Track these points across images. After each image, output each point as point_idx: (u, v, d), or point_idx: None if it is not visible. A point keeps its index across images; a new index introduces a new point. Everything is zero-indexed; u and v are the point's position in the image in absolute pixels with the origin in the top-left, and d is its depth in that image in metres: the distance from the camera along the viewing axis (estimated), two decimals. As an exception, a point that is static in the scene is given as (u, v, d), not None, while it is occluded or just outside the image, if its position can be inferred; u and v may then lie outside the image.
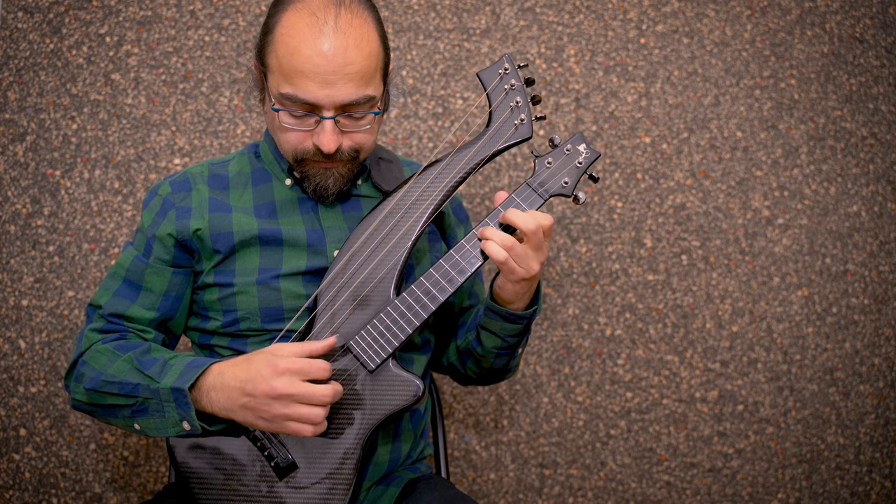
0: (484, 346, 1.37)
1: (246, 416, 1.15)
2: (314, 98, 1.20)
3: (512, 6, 1.97)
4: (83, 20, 1.88)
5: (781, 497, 1.99)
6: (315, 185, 1.30)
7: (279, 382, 1.10)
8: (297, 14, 1.21)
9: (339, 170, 1.29)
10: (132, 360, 1.21)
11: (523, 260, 1.22)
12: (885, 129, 2.02)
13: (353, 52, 1.20)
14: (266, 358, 1.13)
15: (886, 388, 2.01)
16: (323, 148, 1.23)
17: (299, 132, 1.25)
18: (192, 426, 1.16)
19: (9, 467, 1.84)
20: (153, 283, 1.31)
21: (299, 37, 1.19)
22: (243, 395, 1.13)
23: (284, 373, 1.11)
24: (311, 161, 1.28)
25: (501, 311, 1.31)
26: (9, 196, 1.85)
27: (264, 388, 1.11)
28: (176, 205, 1.32)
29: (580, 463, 1.97)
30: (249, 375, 1.13)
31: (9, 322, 1.84)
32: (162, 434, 1.19)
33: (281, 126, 1.25)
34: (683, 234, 1.99)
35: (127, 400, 1.20)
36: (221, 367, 1.16)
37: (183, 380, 1.15)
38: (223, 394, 1.15)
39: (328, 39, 1.18)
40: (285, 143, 1.28)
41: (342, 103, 1.21)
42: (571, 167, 1.28)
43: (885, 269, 2.01)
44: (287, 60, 1.20)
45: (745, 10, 2.02)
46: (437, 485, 1.28)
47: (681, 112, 2.00)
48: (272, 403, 1.12)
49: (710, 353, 1.99)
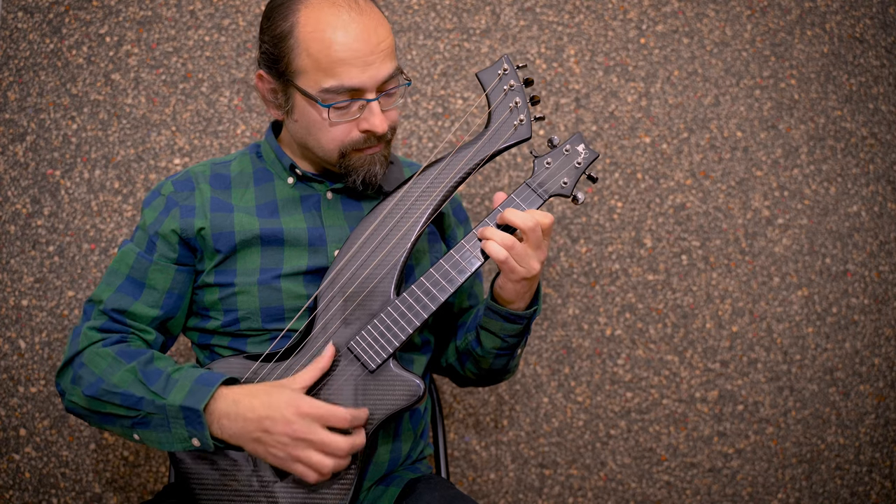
0: (483, 347, 1.36)
1: (256, 449, 1.15)
2: (359, 82, 1.22)
3: (512, 6, 1.97)
4: (83, 20, 1.88)
5: (781, 497, 1.99)
6: (365, 174, 1.30)
7: (300, 426, 1.12)
8: (315, 10, 1.22)
9: (382, 151, 1.31)
10: (136, 371, 1.20)
11: (524, 259, 1.23)
12: (885, 129, 2.03)
13: (381, 29, 1.23)
14: (288, 396, 1.13)
15: (886, 388, 2.01)
16: (377, 130, 1.25)
17: (345, 124, 1.26)
18: (204, 444, 1.16)
19: (9, 467, 1.84)
20: (157, 280, 1.31)
21: (329, 28, 1.20)
22: (259, 431, 1.13)
23: (307, 417, 1.12)
24: (354, 152, 1.28)
25: (501, 311, 1.31)
26: (9, 196, 1.85)
27: (284, 430, 1.12)
28: (179, 203, 1.32)
29: (580, 463, 1.97)
30: (270, 413, 1.13)
31: (9, 322, 1.84)
32: (166, 448, 1.19)
33: (329, 122, 1.25)
34: (683, 234, 1.99)
35: (129, 412, 1.19)
36: (236, 394, 1.16)
37: (194, 399, 1.15)
38: (237, 424, 1.14)
39: (357, 24, 1.21)
40: (331, 141, 1.27)
41: (383, 80, 1.23)
42: (570, 167, 1.28)
43: (885, 269, 2.02)
44: (324, 54, 1.20)
45: (745, 10, 2.02)
46: (437, 485, 1.28)
47: (681, 112, 2.00)
48: (288, 445, 1.12)
49: (710, 353, 1.99)
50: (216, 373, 1.20)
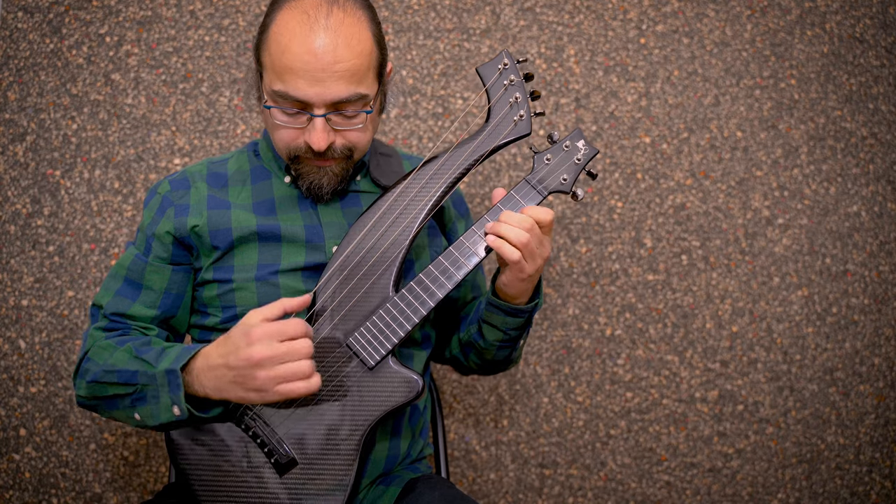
0: (486, 339, 1.37)
1: (237, 392, 1.14)
2: (304, 95, 1.21)
3: (512, 6, 1.97)
4: (83, 20, 1.88)
5: (781, 497, 1.99)
6: (309, 184, 1.30)
7: (255, 349, 1.10)
8: (291, 13, 1.22)
9: (333, 168, 1.30)
10: (131, 349, 1.22)
11: (532, 258, 1.23)
12: (885, 129, 2.03)
13: (343, 51, 1.20)
14: (240, 329, 1.13)
15: (886, 388, 2.01)
16: (313, 145, 1.24)
17: (292, 129, 1.26)
18: (181, 411, 1.16)
19: (9, 467, 1.84)
20: (153, 281, 1.32)
21: (290, 34, 1.20)
22: (228, 371, 1.13)
23: (261, 338, 1.11)
24: (304, 159, 1.29)
25: (503, 306, 1.31)
26: (9, 196, 1.85)
27: (245, 358, 1.11)
28: (174, 202, 1.33)
29: (580, 463, 1.97)
30: (228, 349, 1.13)
31: (9, 322, 1.84)
32: (156, 420, 1.19)
33: (274, 123, 1.26)
34: (683, 234, 1.99)
35: (126, 388, 1.20)
36: (207, 349, 1.17)
37: (176, 362, 1.16)
38: (211, 374, 1.15)
39: (318, 37, 1.19)
40: (279, 141, 1.29)
41: (332, 101, 1.21)
42: (570, 164, 1.28)
43: (885, 269, 2.01)
44: (278, 58, 1.21)
45: (745, 10, 2.02)
46: (437, 485, 1.28)
47: (681, 112, 2.00)
48: (255, 371, 1.11)
49: (710, 353, 1.99)
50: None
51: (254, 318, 1.13)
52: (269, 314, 1.13)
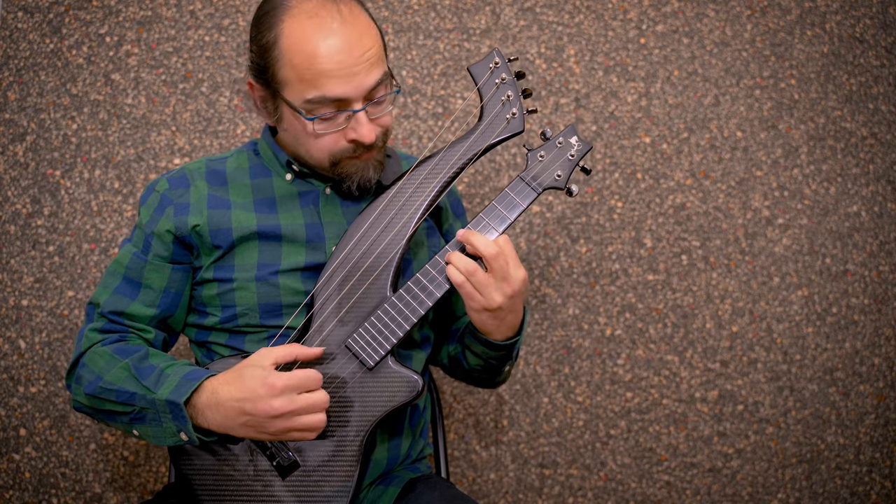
0: (469, 363, 1.38)
1: (247, 433, 1.15)
2: (343, 93, 1.21)
3: (512, 6, 1.97)
4: (83, 20, 1.88)
5: (781, 497, 1.99)
6: (359, 180, 1.30)
7: (278, 402, 1.11)
8: (298, 21, 1.21)
9: (376, 157, 1.31)
10: (129, 367, 1.21)
11: (485, 288, 1.20)
12: (885, 129, 2.02)
13: (366, 39, 1.22)
14: (259, 375, 1.13)
15: (886, 388, 2.01)
16: (364, 140, 1.24)
17: (333, 134, 1.25)
18: (190, 438, 1.16)
19: (9, 467, 1.84)
20: (152, 279, 1.31)
21: (312, 40, 1.19)
22: (242, 415, 1.13)
23: (283, 392, 1.11)
24: (347, 159, 1.28)
25: (480, 338, 1.30)
26: (9, 196, 1.85)
27: (264, 409, 1.11)
28: (174, 201, 1.31)
29: (580, 463, 1.97)
30: (245, 395, 1.12)
31: (9, 322, 1.84)
32: (160, 442, 1.20)
33: (315, 133, 1.25)
34: (683, 234, 1.99)
35: (125, 408, 1.20)
36: (214, 384, 1.16)
37: (178, 393, 1.15)
38: (219, 412, 1.14)
39: (341, 35, 1.20)
40: (319, 151, 1.27)
41: (368, 89, 1.22)
42: (564, 160, 1.28)
43: (885, 269, 2.01)
44: (307, 66, 1.19)
45: (745, 10, 2.02)
46: (437, 485, 1.28)
47: (681, 112, 2.00)
48: (274, 421, 1.12)
49: (710, 353, 1.99)
50: (205, 369, 1.20)
51: (266, 361, 1.14)
52: (280, 358, 1.15)
